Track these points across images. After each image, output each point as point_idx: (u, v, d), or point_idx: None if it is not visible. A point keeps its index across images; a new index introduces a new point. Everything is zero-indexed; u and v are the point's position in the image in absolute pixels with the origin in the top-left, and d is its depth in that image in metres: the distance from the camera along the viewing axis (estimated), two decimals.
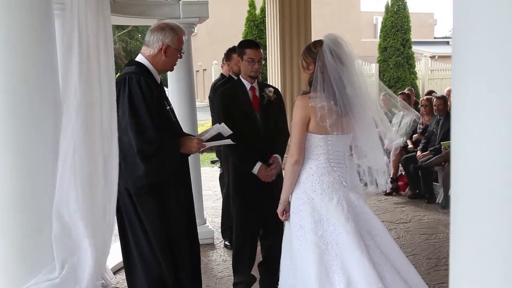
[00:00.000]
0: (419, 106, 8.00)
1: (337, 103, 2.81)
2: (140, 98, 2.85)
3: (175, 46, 3.03)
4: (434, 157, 6.64)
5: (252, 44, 3.79)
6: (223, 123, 3.22)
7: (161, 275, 2.99)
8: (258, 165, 3.56)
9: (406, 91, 9.92)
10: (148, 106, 2.88)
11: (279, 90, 4.11)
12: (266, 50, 10.09)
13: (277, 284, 3.17)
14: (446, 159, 6.29)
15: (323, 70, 2.82)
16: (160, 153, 2.88)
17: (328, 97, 2.82)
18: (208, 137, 3.14)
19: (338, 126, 2.84)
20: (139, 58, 3.07)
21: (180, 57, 3.16)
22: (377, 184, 3.03)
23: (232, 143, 3.20)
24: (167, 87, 4.38)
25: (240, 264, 3.82)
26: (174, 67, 3.22)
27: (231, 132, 3.18)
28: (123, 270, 3.04)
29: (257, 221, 3.76)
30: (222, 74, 5.59)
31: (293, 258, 2.91)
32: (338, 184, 2.89)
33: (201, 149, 3.10)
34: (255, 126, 3.63)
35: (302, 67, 3.01)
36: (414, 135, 7.57)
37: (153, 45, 3.01)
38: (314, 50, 2.90)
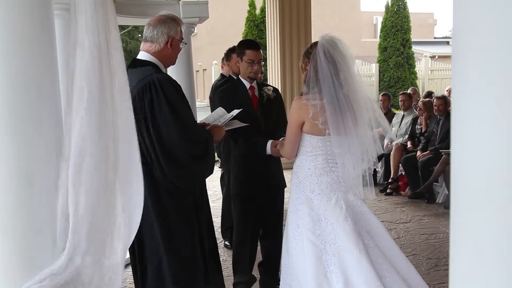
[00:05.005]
0: (417, 107, 7.99)
1: (330, 102, 2.80)
2: (179, 100, 2.74)
3: (179, 38, 2.93)
4: (438, 165, 6.57)
5: (252, 45, 3.72)
6: (220, 108, 3.32)
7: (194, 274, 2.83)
8: (269, 143, 3.50)
9: (409, 91, 9.90)
10: (188, 105, 2.80)
11: (279, 90, 4.10)
12: (266, 50, 10.09)
13: (278, 284, 3.17)
14: (448, 163, 6.27)
15: (316, 70, 2.82)
16: (208, 150, 2.83)
17: (321, 96, 2.82)
18: (224, 123, 3.20)
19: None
20: (145, 56, 2.90)
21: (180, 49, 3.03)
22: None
23: (245, 124, 3.31)
24: None
25: (240, 264, 3.82)
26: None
27: (232, 114, 3.26)
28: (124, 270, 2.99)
29: (257, 221, 3.76)
30: (222, 74, 5.58)
31: (290, 257, 2.91)
32: (337, 184, 2.89)
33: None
34: (256, 124, 3.60)
35: (301, 68, 3.02)
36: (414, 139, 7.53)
37: (158, 39, 2.86)
38: (310, 50, 2.91)
